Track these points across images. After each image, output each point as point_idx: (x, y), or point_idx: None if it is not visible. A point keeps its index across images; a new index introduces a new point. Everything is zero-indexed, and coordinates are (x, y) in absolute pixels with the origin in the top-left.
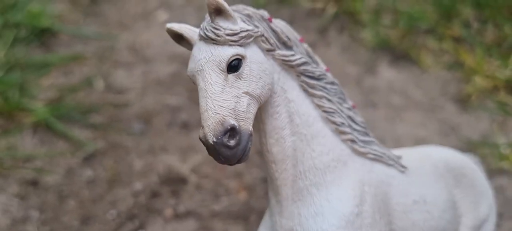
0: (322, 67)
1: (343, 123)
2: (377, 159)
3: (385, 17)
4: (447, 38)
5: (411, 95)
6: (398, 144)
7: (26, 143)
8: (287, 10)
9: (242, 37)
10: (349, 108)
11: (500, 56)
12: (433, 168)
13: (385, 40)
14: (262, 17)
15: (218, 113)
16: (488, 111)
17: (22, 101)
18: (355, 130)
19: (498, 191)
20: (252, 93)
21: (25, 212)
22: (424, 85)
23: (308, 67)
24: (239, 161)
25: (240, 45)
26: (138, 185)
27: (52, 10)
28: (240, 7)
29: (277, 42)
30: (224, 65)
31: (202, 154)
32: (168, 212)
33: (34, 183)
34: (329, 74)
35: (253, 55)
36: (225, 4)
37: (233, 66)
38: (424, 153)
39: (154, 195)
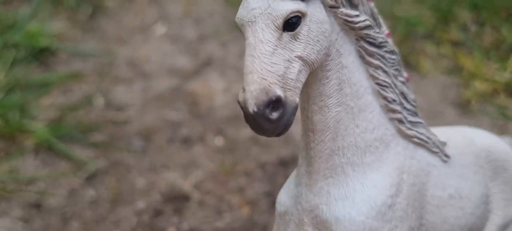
0: (384, 31)
1: (394, 100)
2: (422, 143)
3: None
4: (445, 43)
5: None
6: None
7: (28, 165)
8: None
9: None
10: (403, 83)
11: (498, 59)
12: (474, 158)
13: None
14: None
15: (265, 79)
16: (488, 116)
17: (22, 123)
18: (405, 108)
19: None
20: (306, 58)
21: None
22: (423, 91)
23: (371, 32)
24: (279, 134)
25: (303, 0)
26: (140, 204)
27: (51, 28)
28: None
29: None
30: (280, 22)
31: (203, 169)
32: (172, 230)
33: (37, 206)
34: (390, 41)
35: (314, 13)
36: None
37: (291, 24)
38: (468, 138)
39: (157, 213)
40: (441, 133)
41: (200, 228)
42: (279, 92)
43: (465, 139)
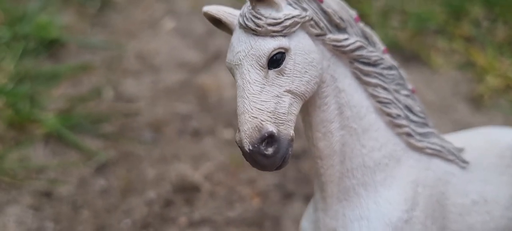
0: (380, 48)
1: (399, 115)
2: (436, 153)
3: (394, 18)
4: (457, 38)
5: (422, 96)
6: None
7: (38, 154)
8: None
9: (286, 26)
10: (407, 96)
11: (511, 55)
12: (499, 158)
13: (394, 42)
14: None
15: (256, 118)
16: (501, 111)
17: (32, 113)
18: (412, 121)
19: None
20: (295, 91)
21: (40, 223)
22: (435, 86)
23: (363, 52)
24: (279, 168)
25: (284, 35)
26: (151, 194)
27: (60, 21)
28: None
29: (328, 25)
30: (264, 61)
31: (214, 161)
32: (183, 220)
33: (47, 194)
34: (387, 57)
35: (298, 45)
36: None
37: (275, 60)
38: (491, 139)
39: (168, 203)
40: (460, 138)
41: (211, 218)
42: (271, 128)
43: (487, 140)
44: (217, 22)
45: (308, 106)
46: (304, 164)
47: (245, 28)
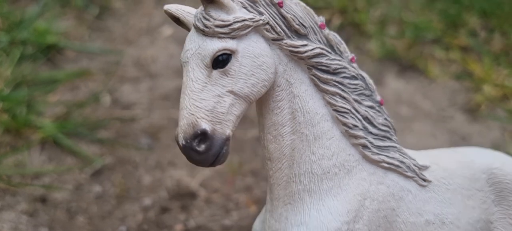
0: (347, 56)
1: (355, 125)
2: (392, 168)
3: (391, 28)
4: (454, 48)
5: (419, 105)
6: None
7: (34, 159)
8: None
9: (235, 29)
10: (371, 107)
11: (508, 65)
12: (469, 181)
13: (391, 51)
14: (272, 1)
15: (192, 115)
16: (498, 121)
17: (29, 118)
18: (370, 133)
19: None
20: (238, 92)
21: (34, 229)
22: (432, 95)
23: (323, 60)
24: (212, 165)
25: (232, 38)
26: (147, 201)
27: (58, 27)
28: None
29: (286, 30)
30: (208, 61)
31: (210, 168)
32: (178, 227)
33: (42, 200)
34: (352, 67)
35: (248, 48)
36: None
37: (221, 61)
38: (466, 160)
39: (164, 210)
40: (433, 155)
41: (207, 226)
42: (205, 126)
43: (462, 161)
44: (177, 20)
45: (262, 108)
46: None
47: (196, 28)
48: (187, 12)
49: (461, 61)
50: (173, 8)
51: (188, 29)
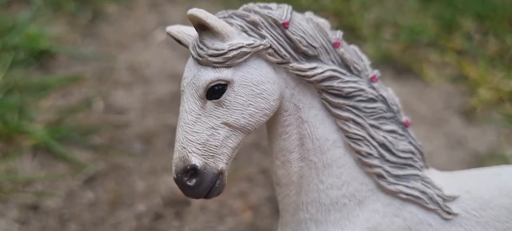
0: (366, 75)
1: (370, 153)
2: (411, 199)
3: (386, 31)
4: (449, 51)
5: (415, 109)
6: None
7: (26, 166)
8: None
9: (230, 58)
10: (391, 131)
11: (503, 68)
12: (507, 211)
13: (386, 54)
14: (276, 22)
15: (184, 148)
16: (494, 124)
17: (21, 124)
18: (387, 161)
19: None
20: (233, 124)
21: None
22: (428, 98)
23: (334, 83)
24: (206, 197)
25: (228, 67)
26: (140, 207)
27: (50, 32)
28: (249, 9)
29: (292, 53)
30: (202, 92)
31: None
32: None
33: (34, 207)
34: (370, 89)
35: (246, 76)
36: (209, 19)
37: (216, 91)
38: (506, 185)
39: (158, 217)
40: (469, 179)
41: None
42: (195, 161)
43: (502, 187)
44: (179, 42)
45: (271, 132)
46: None
47: (192, 56)
48: (188, 35)
49: (456, 65)
50: (174, 30)
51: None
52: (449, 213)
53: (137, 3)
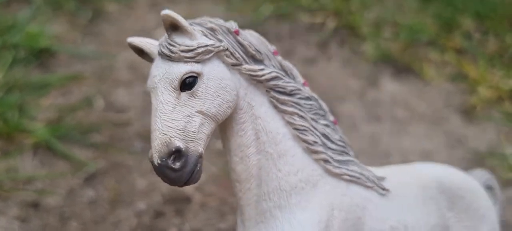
0: (299, 81)
1: (315, 142)
2: (354, 180)
3: (386, 30)
4: (449, 50)
5: (415, 108)
6: (404, 157)
7: (26, 164)
8: (287, 25)
9: (199, 53)
10: (326, 125)
11: (503, 67)
12: (422, 189)
13: (386, 53)
14: (229, 29)
15: (165, 134)
16: (494, 122)
17: (21, 123)
18: (329, 148)
19: (509, 203)
20: (206, 112)
21: None
22: (427, 97)
23: (279, 82)
24: (187, 183)
25: (197, 62)
26: (141, 205)
27: (51, 30)
28: (205, 20)
29: (244, 56)
30: (176, 84)
31: (205, 172)
32: None
33: (35, 205)
34: (305, 89)
35: (212, 72)
36: (181, 20)
37: (188, 84)
38: (415, 172)
39: (158, 215)
40: (384, 170)
41: (202, 230)
42: (179, 143)
43: (412, 173)
44: (140, 52)
45: (227, 131)
46: None
47: (162, 55)
48: (150, 44)
49: (456, 63)
50: (136, 40)
51: (150, 60)
52: (383, 189)
53: (138, 2)
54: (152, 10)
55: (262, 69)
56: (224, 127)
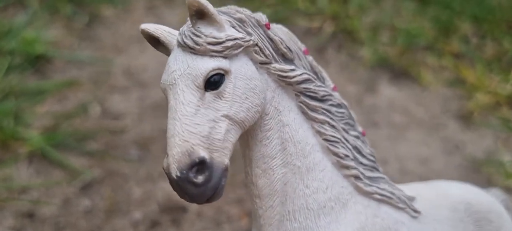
0: (329, 85)
1: (347, 155)
2: (385, 200)
3: (383, 34)
4: (447, 55)
5: (412, 113)
6: (401, 163)
7: (22, 173)
8: None
9: (228, 47)
10: (357, 137)
11: (501, 71)
12: (451, 212)
13: (384, 58)
14: (258, 22)
15: (187, 142)
16: (491, 128)
17: (17, 130)
18: (361, 163)
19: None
20: (233, 117)
21: None
22: (425, 102)
23: (311, 86)
24: (209, 200)
25: (225, 57)
26: (137, 215)
27: (47, 36)
28: (232, 8)
29: (274, 54)
30: (201, 81)
31: None
32: None
33: (30, 215)
34: (336, 95)
35: (240, 70)
36: (209, 6)
37: (213, 82)
38: (442, 192)
39: (154, 224)
40: (411, 188)
41: None
42: (203, 153)
43: (439, 192)
44: (156, 41)
45: (249, 139)
46: None
47: (184, 46)
48: (168, 32)
49: (454, 68)
50: (151, 27)
51: (167, 53)
52: (415, 211)
53: (134, 6)
54: (149, 13)
55: (293, 70)
56: (246, 135)
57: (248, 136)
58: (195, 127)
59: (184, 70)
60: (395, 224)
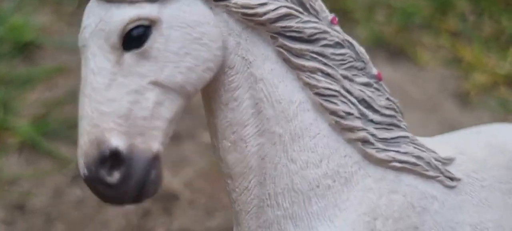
0: (326, 17)
1: (349, 113)
2: (408, 168)
3: (379, 13)
4: (443, 33)
5: (409, 93)
6: None
7: (12, 163)
8: None
9: None
10: (366, 84)
11: (498, 50)
12: (506, 170)
13: (379, 37)
14: None
15: (97, 126)
16: (489, 109)
17: (6, 120)
18: (371, 121)
19: None
20: (166, 83)
21: None
22: (422, 82)
23: (292, 23)
24: (137, 200)
25: (152, 1)
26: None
27: (35, 22)
28: None
29: None
30: (115, 38)
31: (194, 166)
32: None
33: (20, 207)
34: (334, 30)
35: (177, 15)
36: None
37: (135, 38)
38: (496, 141)
39: (146, 213)
40: (450, 141)
41: (191, 228)
42: (116, 142)
43: (490, 145)
44: None
45: (212, 103)
46: None
47: None
48: None
49: (451, 47)
50: None
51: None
52: (452, 179)
53: None
54: None
55: (263, 4)
56: (207, 96)
57: (210, 98)
58: (109, 104)
59: (95, 25)
60: (422, 200)
